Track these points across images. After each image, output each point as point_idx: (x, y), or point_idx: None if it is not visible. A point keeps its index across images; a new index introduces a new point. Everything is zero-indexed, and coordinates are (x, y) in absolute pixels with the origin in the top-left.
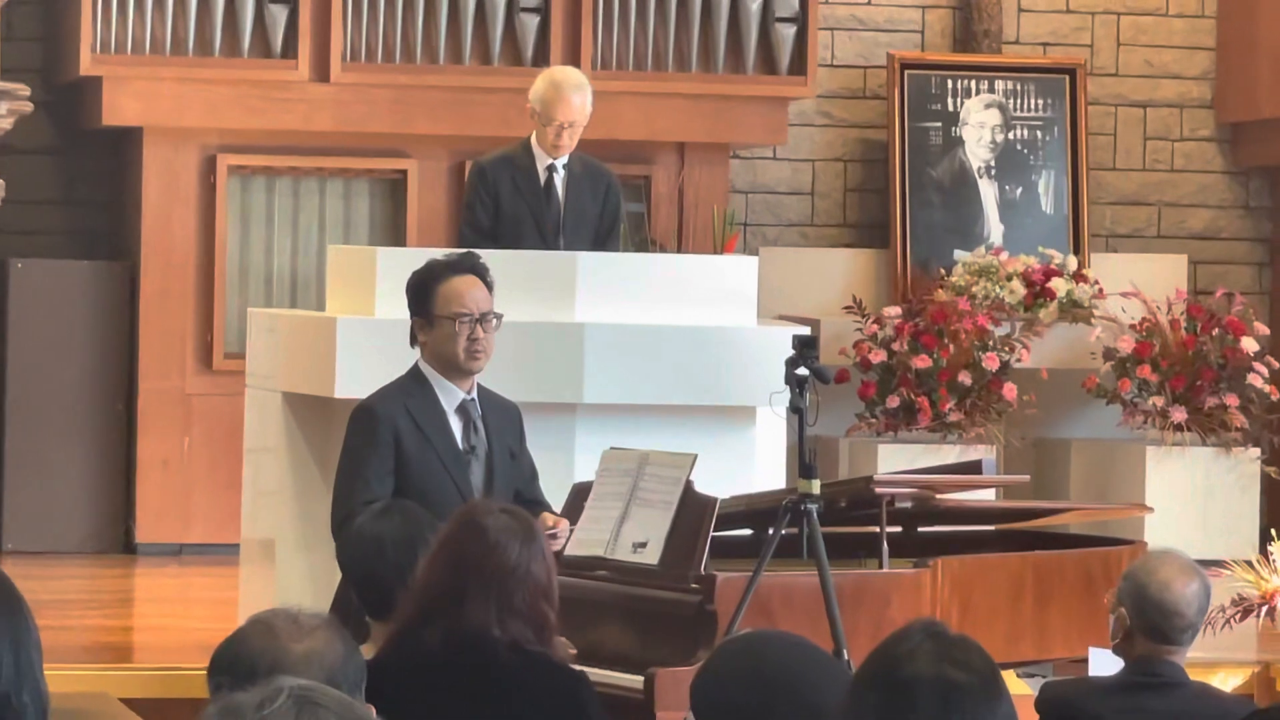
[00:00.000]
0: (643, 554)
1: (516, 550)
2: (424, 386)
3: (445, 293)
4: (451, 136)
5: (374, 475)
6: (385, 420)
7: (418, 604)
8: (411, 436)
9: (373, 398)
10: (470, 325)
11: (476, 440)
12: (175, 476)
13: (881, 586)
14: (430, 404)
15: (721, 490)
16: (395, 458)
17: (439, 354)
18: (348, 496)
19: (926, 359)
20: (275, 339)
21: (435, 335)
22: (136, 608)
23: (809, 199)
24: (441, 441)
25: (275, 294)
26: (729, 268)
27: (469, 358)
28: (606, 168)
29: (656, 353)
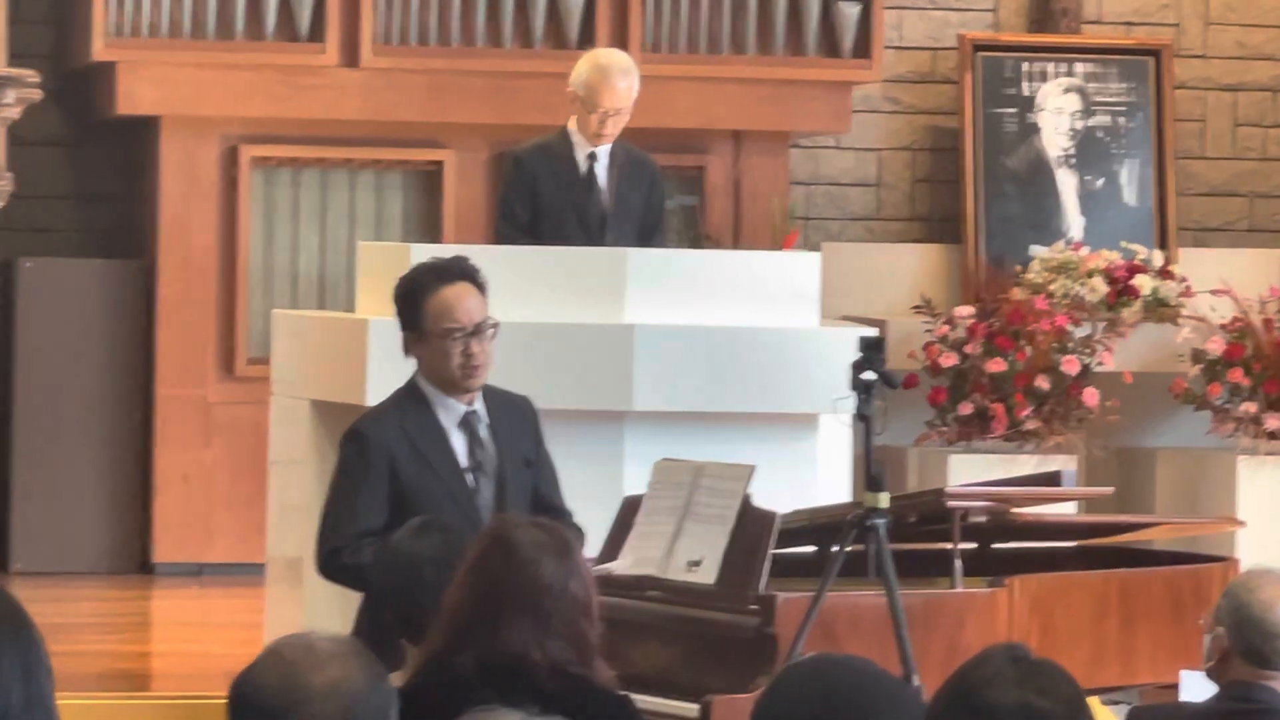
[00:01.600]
0: (698, 573)
1: (551, 566)
2: (421, 403)
3: (435, 306)
4: (491, 125)
5: (364, 506)
6: (378, 445)
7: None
8: (409, 460)
9: (364, 419)
10: (464, 341)
11: (483, 455)
12: (196, 491)
13: (954, 607)
14: (428, 421)
15: (782, 504)
16: (392, 485)
17: (434, 371)
18: (334, 529)
19: (1001, 362)
20: (302, 343)
21: (429, 351)
22: (154, 632)
23: (875, 191)
24: (443, 462)
25: (302, 294)
26: (789, 265)
27: (465, 376)
28: (650, 157)
29: (711, 356)
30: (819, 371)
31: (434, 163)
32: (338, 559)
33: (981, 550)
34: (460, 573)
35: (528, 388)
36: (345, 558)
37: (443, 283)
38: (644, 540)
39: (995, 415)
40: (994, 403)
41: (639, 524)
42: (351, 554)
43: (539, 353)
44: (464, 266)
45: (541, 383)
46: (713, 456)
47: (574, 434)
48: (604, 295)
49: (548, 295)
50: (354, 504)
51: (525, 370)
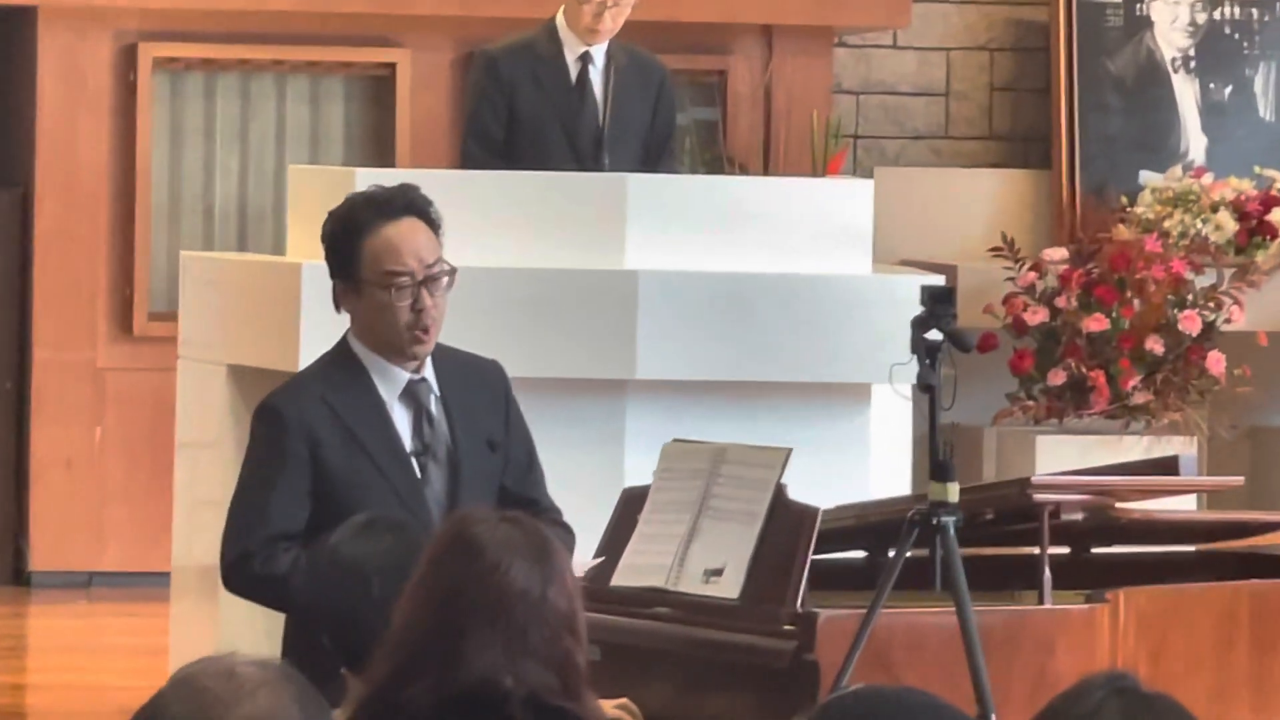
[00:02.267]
0: (718, 584)
1: (525, 570)
2: (355, 371)
3: (374, 247)
4: (457, 18)
5: (279, 502)
6: (296, 425)
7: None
8: (335, 442)
9: (279, 393)
10: (412, 291)
11: (432, 436)
12: (82, 480)
13: (1043, 627)
14: (362, 393)
15: (825, 498)
16: (315, 475)
17: (372, 330)
18: (242, 531)
19: (1103, 319)
20: (218, 293)
21: (365, 305)
22: (31, 659)
23: (942, 102)
24: (380, 444)
25: (218, 233)
26: (834, 196)
27: (412, 337)
28: (657, 59)
29: (735, 311)
30: (871, 331)
31: (385, 65)
32: (247, 567)
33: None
34: (411, 582)
35: (499, 351)
36: (256, 566)
37: (384, 218)
38: (650, 543)
39: (1095, 386)
40: (1093, 370)
41: (643, 523)
42: (264, 562)
43: (515, 307)
44: (411, 197)
45: (519, 345)
46: (736, 437)
47: (562, 410)
48: (599, 234)
49: (527, 233)
50: (266, 499)
51: (497, 330)
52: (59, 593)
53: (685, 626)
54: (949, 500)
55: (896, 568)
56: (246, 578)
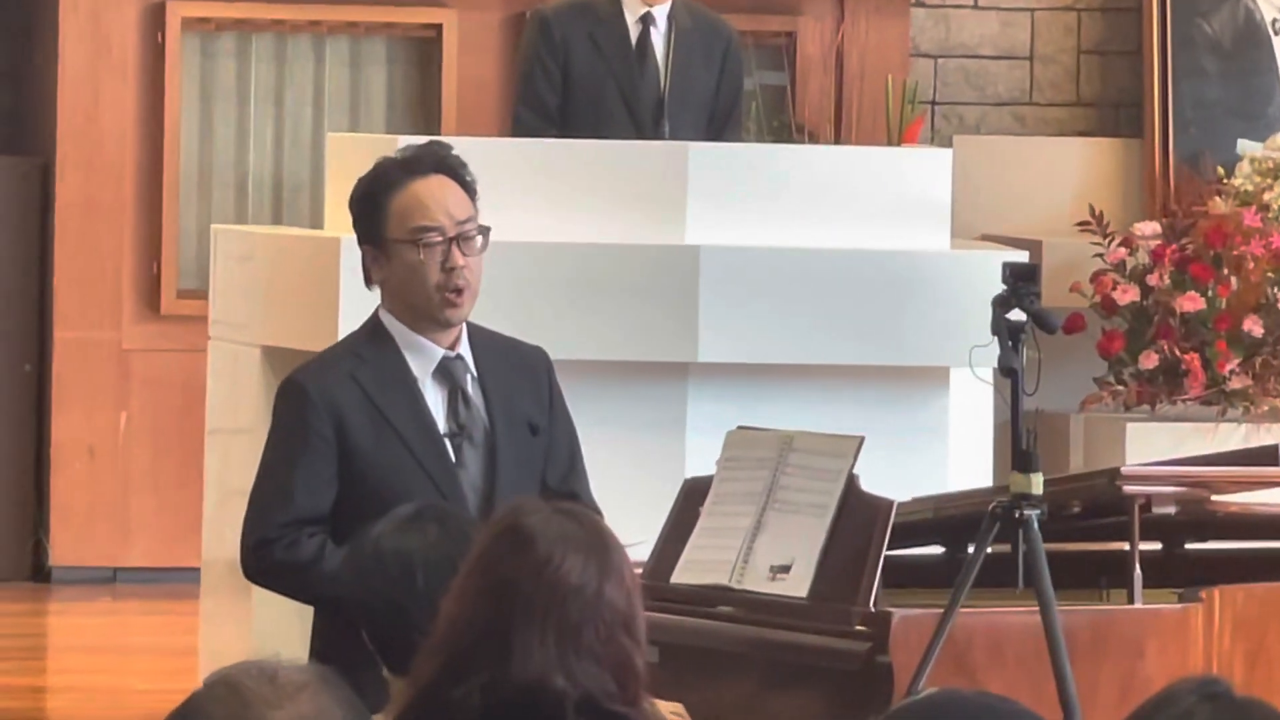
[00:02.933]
0: (785, 582)
1: (581, 565)
2: (386, 347)
3: (400, 205)
4: None
5: (303, 485)
6: (322, 403)
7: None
8: (364, 424)
9: (304, 369)
10: (442, 248)
11: (468, 416)
12: (107, 470)
13: (1132, 628)
14: (394, 372)
15: (900, 490)
16: (341, 456)
17: (402, 295)
18: (264, 515)
19: (1197, 299)
20: (252, 270)
21: (395, 269)
22: (52, 659)
23: (1026, 66)
24: (411, 424)
25: (252, 205)
26: (910, 166)
27: (443, 299)
28: (725, 21)
29: (804, 290)
30: (950, 310)
31: (430, 26)
32: (268, 553)
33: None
34: (459, 577)
35: (551, 333)
36: (279, 551)
37: (412, 175)
38: (713, 538)
39: (1189, 370)
40: (1188, 353)
41: (706, 515)
42: (287, 547)
43: (569, 285)
44: (441, 155)
45: (573, 326)
46: (805, 424)
47: (619, 395)
48: (658, 206)
49: (582, 206)
50: (289, 481)
51: (548, 309)
52: (81, 589)
53: (750, 627)
54: (1032, 492)
55: (976, 564)
56: (267, 564)
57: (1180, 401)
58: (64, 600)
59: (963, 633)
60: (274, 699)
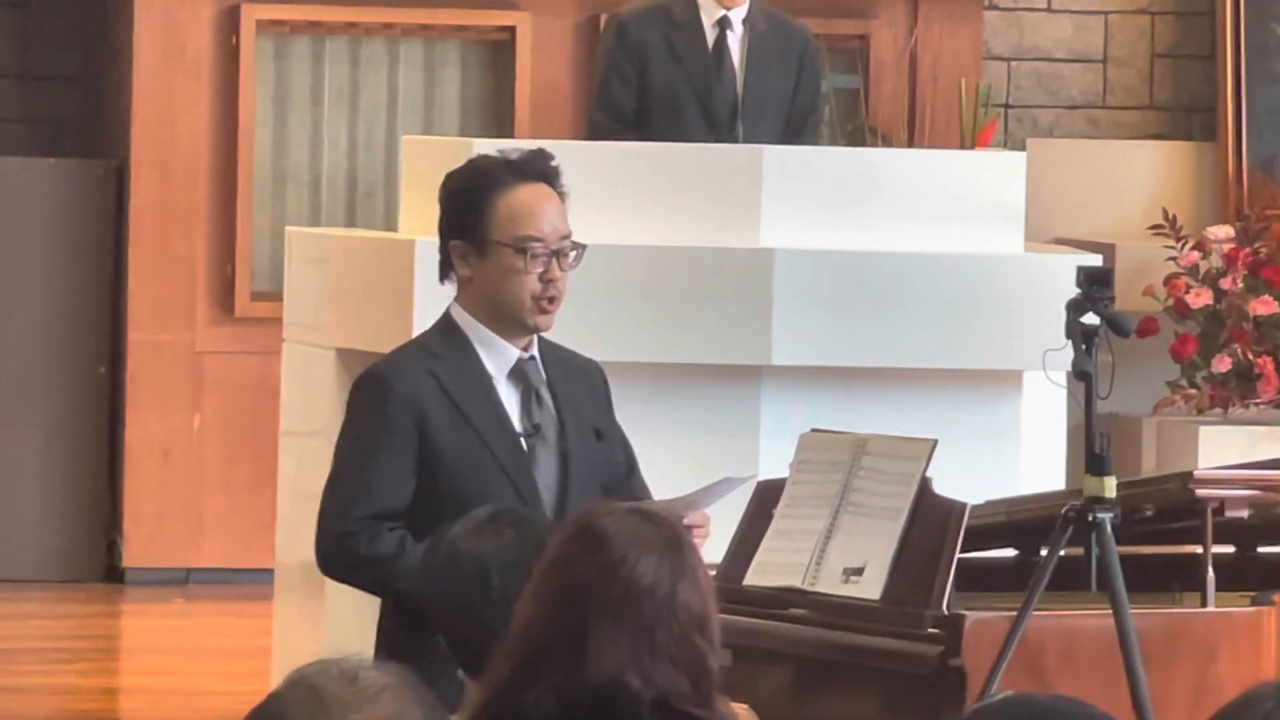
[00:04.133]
0: (858, 584)
1: (654, 566)
2: (461, 345)
3: (509, 208)
4: None
5: (384, 478)
6: (403, 398)
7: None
8: (443, 419)
9: (383, 363)
10: (544, 259)
11: (542, 416)
12: (180, 471)
13: (1206, 631)
14: (470, 369)
15: (973, 493)
16: (421, 452)
17: (492, 297)
18: (343, 510)
19: (1271, 302)
20: (326, 272)
21: (489, 270)
22: (125, 661)
23: (1099, 69)
24: (489, 421)
25: (326, 207)
26: (984, 169)
27: (538, 307)
28: (802, 25)
29: (877, 293)
30: (1024, 314)
31: (504, 29)
32: (349, 547)
33: (1243, 556)
34: (534, 579)
35: (625, 336)
36: (361, 546)
37: (520, 178)
38: (786, 540)
39: (1262, 373)
40: (1261, 357)
41: (779, 518)
42: (369, 541)
43: (642, 288)
44: (547, 165)
45: (646, 328)
46: (878, 427)
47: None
48: (734, 209)
49: (656, 209)
50: (370, 474)
51: (622, 312)
52: (154, 590)
53: (823, 629)
54: (1106, 495)
55: (1049, 567)
56: (349, 558)
57: (1253, 405)
58: (137, 601)
59: (1035, 636)
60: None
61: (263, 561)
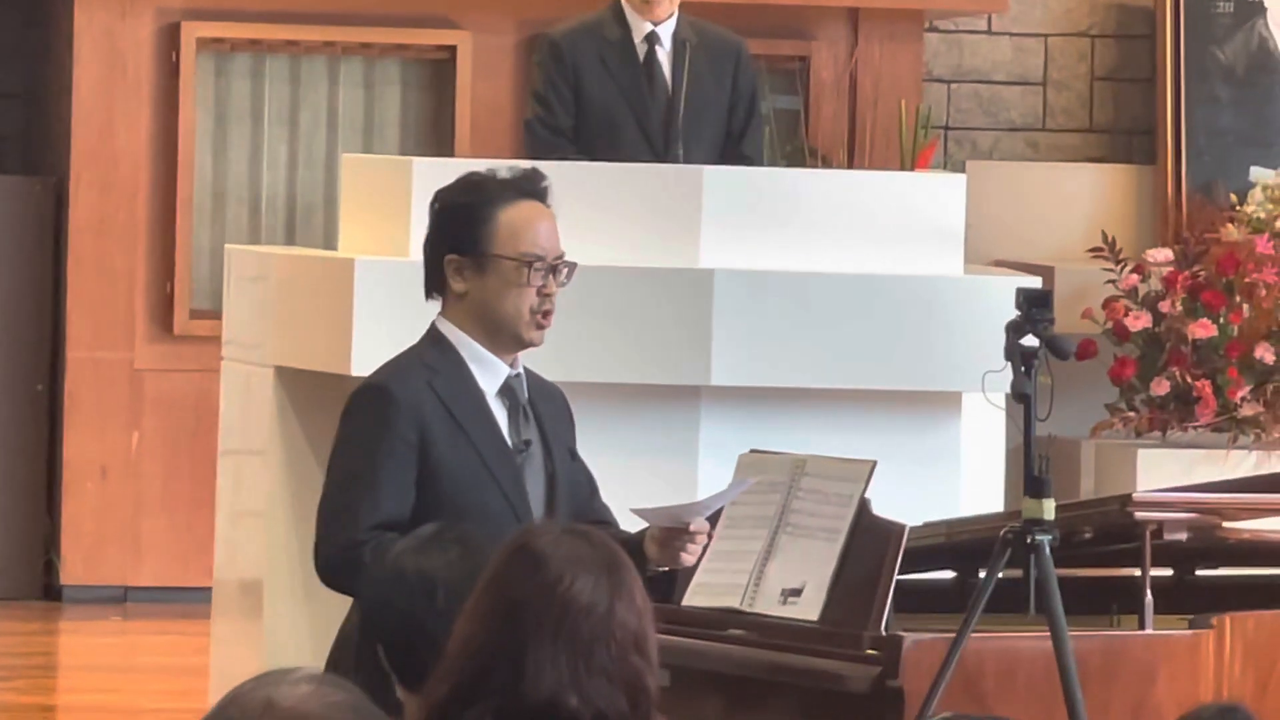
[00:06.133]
0: (796, 605)
1: (591, 585)
2: (452, 359)
3: (510, 223)
4: None
5: (386, 489)
6: (406, 408)
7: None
8: (443, 432)
9: (384, 373)
10: (545, 275)
11: (530, 432)
12: (118, 490)
13: (1144, 655)
14: (465, 384)
15: (912, 515)
16: (421, 463)
17: (487, 310)
18: (347, 519)
19: (1209, 325)
20: (265, 290)
21: (487, 284)
22: (62, 678)
23: (1039, 92)
24: (485, 438)
25: (265, 226)
26: (923, 191)
27: (534, 323)
28: (732, 35)
29: (816, 314)
30: (963, 335)
31: (444, 48)
32: (356, 557)
33: (1180, 578)
34: (472, 598)
35: (564, 355)
36: (367, 555)
37: (520, 195)
38: (724, 561)
39: (1201, 397)
40: (1200, 380)
41: (718, 538)
42: (374, 551)
43: (581, 307)
44: (544, 185)
45: (585, 348)
46: (817, 448)
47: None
48: (672, 229)
49: (596, 228)
50: (375, 483)
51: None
52: (92, 609)
53: (762, 650)
54: (1045, 517)
55: (988, 589)
56: (355, 566)
57: (1191, 428)
58: (75, 619)
59: (974, 658)
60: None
61: (201, 580)
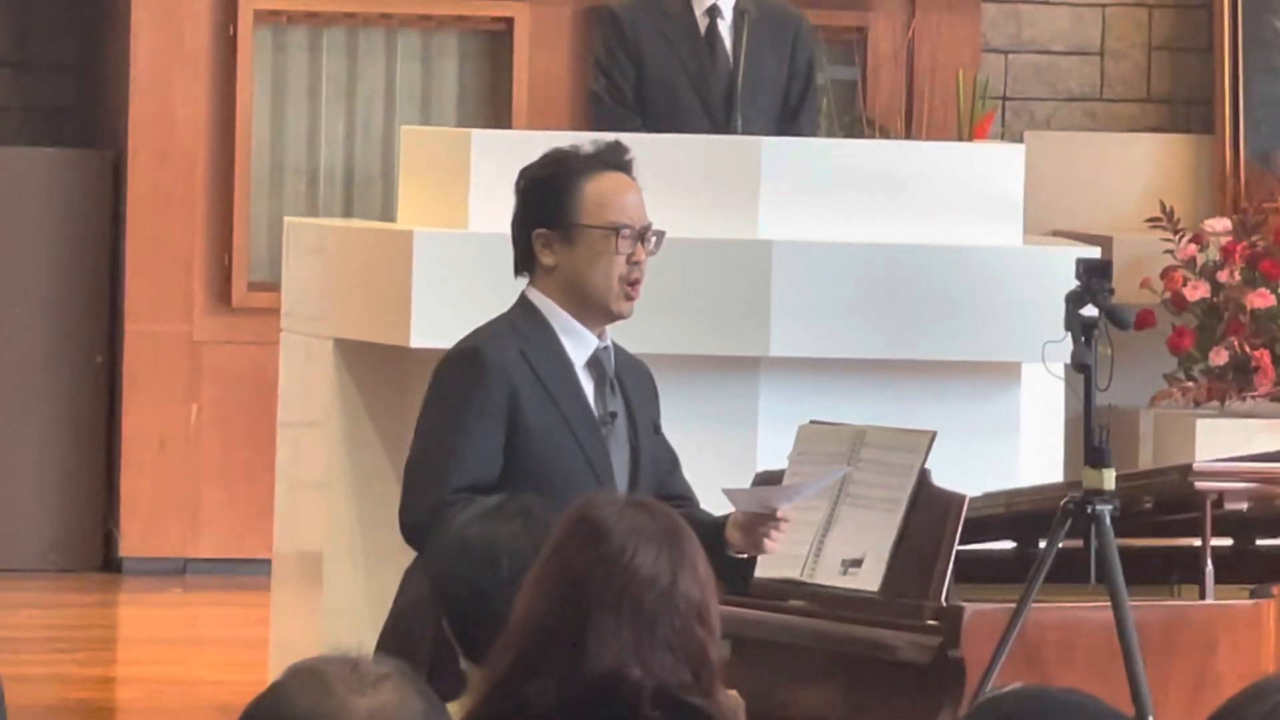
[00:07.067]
0: (857, 576)
1: (654, 556)
2: (542, 328)
3: (596, 194)
4: None
5: (476, 451)
6: (498, 372)
7: (520, 645)
8: (533, 399)
9: (478, 338)
10: (632, 242)
11: (615, 404)
12: (177, 462)
13: (1205, 625)
14: (555, 353)
15: (972, 485)
16: (510, 428)
17: (576, 282)
18: (435, 480)
19: (1268, 295)
20: (324, 263)
21: (576, 255)
22: (122, 651)
23: (1097, 62)
24: (573, 406)
25: (323, 198)
26: (982, 162)
27: (622, 292)
28: (792, 8)
29: (875, 284)
30: (1022, 306)
31: (502, 20)
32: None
33: (1241, 548)
34: (534, 570)
35: (622, 326)
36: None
37: (606, 167)
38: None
39: (1259, 366)
40: (1258, 350)
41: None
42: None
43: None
44: (628, 158)
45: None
46: (877, 419)
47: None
48: (730, 200)
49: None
50: (465, 445)
51: None
52: (151, 580)
53: (822, 620)
54: (1105, 488)
55: (1048, 559)
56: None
57: (1250, 398)
58: (134, 591)
59: (1034, 628)
60: (357, 686)
61: (260, 552)
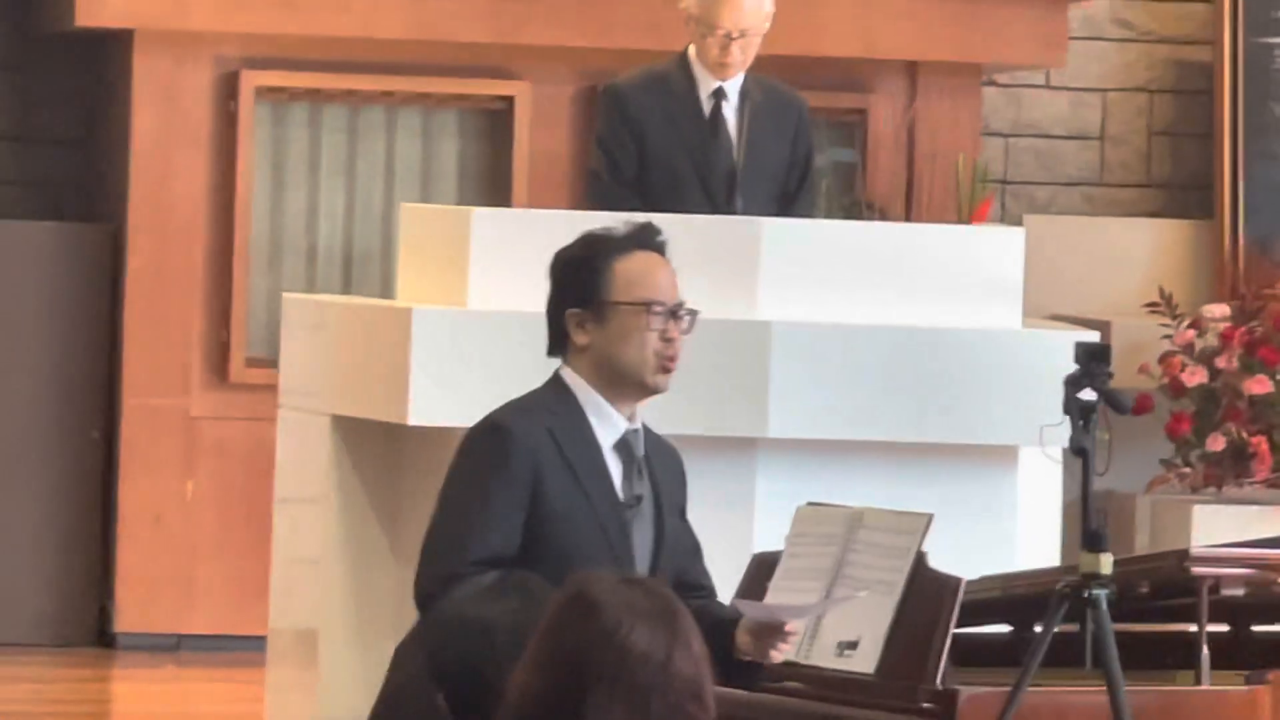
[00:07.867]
0: (853, 658)
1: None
2: (571, 407)
3: (629, 272)
4: (578, 49)
5: (497, 525)
6: (524, 447)
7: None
8: (557, 476)
9: (507, 413)
10: (665, 319)
11: (642, 488)
12: (173, 537)
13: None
14: (581, 432)
15: (968, 568)
16: (533, 503)
17: (609, 359)
18: (454, 550)
19: (1266, 382)
20: (322, 339)
21: (609, 333)
22: None
23: (1097, 146)
24: (597, 488)
25: (322, 274)
26: (981, 245)
27: (659, 367)
28: (796, 94)
29: (874, 367)
30: (1020, 389)
31: (502, 98)
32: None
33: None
34: (530, 647)
35: None
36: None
37: (637, 246)
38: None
39: (1256, 453)
40: (1255, 435)
41: (774, 591)
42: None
43: None
44: (660, 239)
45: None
46: (874, 501)
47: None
48: (730, 280)
49: None
50: (485, 518)
51: None
52: (146, 656)
53: (817, 702)
54: (1102, 572)
55: (1044, 643)
56: None
57: (1247, 484)
58: (128, 666)
59: (1030, 712)
60: None
61: (255, 628)
